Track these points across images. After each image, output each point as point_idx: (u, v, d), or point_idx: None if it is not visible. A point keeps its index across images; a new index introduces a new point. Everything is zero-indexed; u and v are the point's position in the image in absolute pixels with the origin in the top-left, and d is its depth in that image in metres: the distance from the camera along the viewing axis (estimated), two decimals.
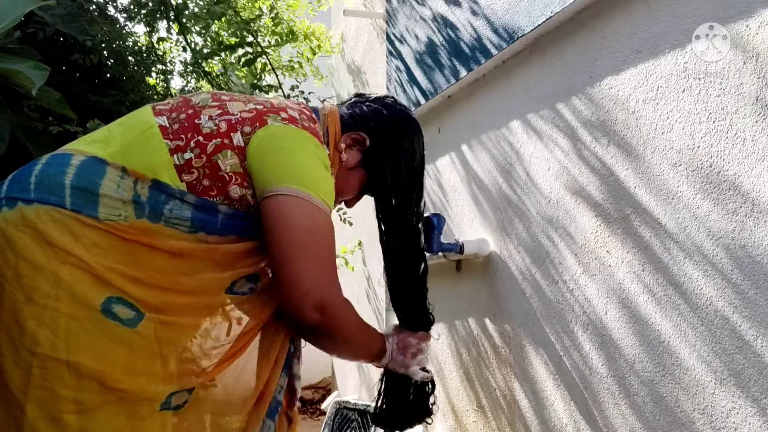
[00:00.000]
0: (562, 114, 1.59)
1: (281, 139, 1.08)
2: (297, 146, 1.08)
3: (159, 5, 2.52)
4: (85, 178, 1.01)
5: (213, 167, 1.05)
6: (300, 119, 1.12)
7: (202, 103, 1.12)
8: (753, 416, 1.08)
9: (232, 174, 1.05)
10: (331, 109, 1.24)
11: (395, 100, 1.32)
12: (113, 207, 1.00)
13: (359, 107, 1.26)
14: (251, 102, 1.14)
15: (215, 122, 1.07)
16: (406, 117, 1.29)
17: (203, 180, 1.04)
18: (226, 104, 1.12)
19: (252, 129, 1.07)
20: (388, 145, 1.24)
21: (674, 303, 1.24)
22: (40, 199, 0.98)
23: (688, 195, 1.22)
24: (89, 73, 2.44)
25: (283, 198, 1.03)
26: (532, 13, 1.64)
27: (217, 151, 1.05)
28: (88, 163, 1.03)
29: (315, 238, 1.04)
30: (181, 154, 1.04)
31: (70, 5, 2.27)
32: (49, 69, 1.61)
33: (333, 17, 3.87)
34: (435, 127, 2.32)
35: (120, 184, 1.01)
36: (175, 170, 1.03)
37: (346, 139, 1.22)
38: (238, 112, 1.10)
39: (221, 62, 3.00)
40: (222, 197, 1.05)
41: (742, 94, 1.11)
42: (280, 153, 1.06)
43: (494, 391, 1.85)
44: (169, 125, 1.07)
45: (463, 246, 1.89)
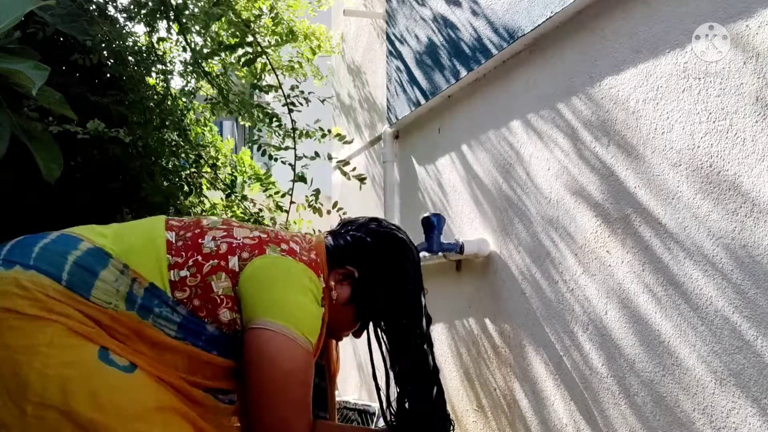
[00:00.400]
0: (562, 114, 1.59)
1: (275, 270, 1.09)
2: (289, 279, 1.09)
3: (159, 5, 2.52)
4: (88, 262, 1.04)
5: (206, 288, 1.07)
6: (300, 252, 1.14)
7: (210, 225, 1.15)
8: (753, 416, 1.08)
9: (224, 297, 1.07)
10: (317, 243, 1.23)
11: (380, 224, 1.28)
12: (106, 293, 1.03)
13: (343, 237, 1.24)
14: (257, 230, 1.16)
15: (216, 243, 1.10)
16: (391, 240, 1.25)
17: (194, 300, 1.06)
18: (233, 229, 1.15)
19: (250, 256, 1.09)
20: (378, 274, 1.22)
21: (674, 303, 1.24)
22: (38, 268, 1.01)
23: (688, 195, 1.22)
24: (89, 73, 2.44)
25: (265, 332, 1.04)
26: (532, 13, 1.64)
27: (212, 272, 1.07)
28: (94, 251, 1.06)
29: (291, 379, 1.05)
30: (177, 271, 1.07)
31: (70, 5, 2.27)
32: (49, 69, 1.61)
33: (333, 17, 3.87)
34: (435, 127, 2.32)
35: (119, 278, 1.04)
36: (169, 285, 1.06)
37: (334, 275, 1.20)
38: (241, 238, 1.12)
39: (221, 62, 3.00)
40: (211, 319, 1.07)
41: (742, 94, 1.11)
42: (271, 284, 1.08)
43: (494, 391, 1.85)
44: (175, 241, 1.10)
45: (463, 246, 1.89)
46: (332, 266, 1.20)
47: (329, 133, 2.69)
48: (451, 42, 2.12)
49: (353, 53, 3.52)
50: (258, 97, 3.62)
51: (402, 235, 1.28)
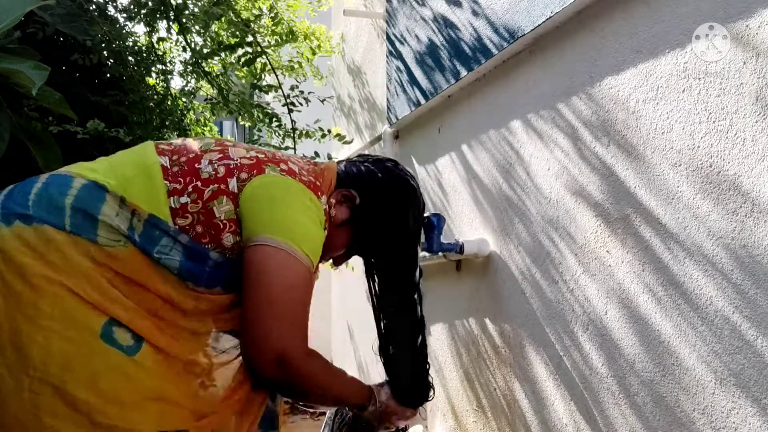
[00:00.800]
0: (563, 114, 1.59)
1: (275, 188, 1.07)
2: (289, 198, 1.08)
3: (159, 5, 2.52)
4: (86, 201, 1.01)
5: (208, 214, 1.05)
6: (299, 173, 1.12)
7: (204, 147, 1.12)
8: (753, 416, 1.08)
9: (226, 221, 1.05)
10: (329, 165, 1.24)
11: (395, 164, 1.28)
12: (111, 232, 1.00)
13: (357, 166, 1.25)
14: (254, 150, 1.14)
15: (214, 166, 1.08)
16: (402, 184, 1.25)
17: (197, 226, 1.04)
18: (228, 149, 1.12)
19: (249, 176, 1.07)
20: (378, 209, 1.21)
21: (674, 303, 1.24)
22: (39, 218, 0.98)
23: (688, 195, 1.22)
24: (89, 73, 2.44)
25: (265, 248, 1.02)
26: (532, 13, 1.64)
27: (213, 197, 1.05)
28: (89, 187, 1.03)
29: (289, 294, 1.03)
30: (177, 197, 1.04)
31: (70, 5, 2.27)
32: (49, 69, 1.61)
33: (333, 17, 3.87)
34: (435, 127, 2.32)
35: (119, 213, 1.01)
36: (170, 212, 1.03)
37: (336, 194, 1.20)
38: (238, 158, 1.10)
39: (221, 62, 3.00)
40: (214, 245, 1.05)
41: (742, 94, 1.11)
42: (271, 203, 1.06)
43: (494, 391, 1.85)
44: (170, 166, 1.07)
45: (463, 246, 1.89)
46: (338, 187, 1.20)
47: (329, 133, 2.69)
48: (451, 42, 2.12)
49: (353, 53, 3.52)
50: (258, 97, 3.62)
51: (414, 183, 1.27)
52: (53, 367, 0.93)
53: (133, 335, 0.99)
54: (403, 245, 1.24)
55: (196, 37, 2.88)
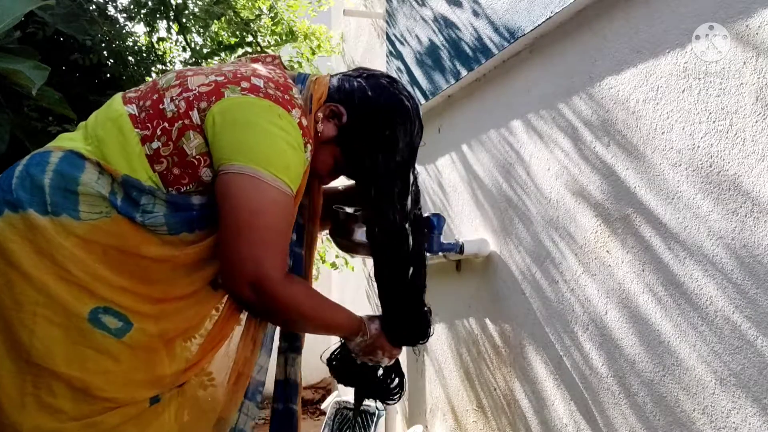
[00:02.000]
0: (563, 114, 1.59)
1: (236, 111, 1.01)
2: (252, 119, 1.01)
3: (159, 5, 2.52)
4: (65, 175, 0.99)
5: (180, 153, 1.01)
6: (264, 86, 1.05)
7: (165, 85, 1.07)
8: (753, 416, 1.08)
9: (199, 156, 1.01)
10: (319, 79, 1.16)
11: (392, 81, 1.19)
12: (93, 204, 0.99)
13: (350, 81, 1.17)
14: (213, 74, 1.07)
15: (176, 103, 1.03)
16: (394, 103, 1.15)
17: (173, 168, 1.01)
18: (187, 80, 1.06)
19: (208, 104, 1.02)
20: (366, 128, 1.14)
21: (675, 303, 1.24)
22: (22, 202, 0.97)
23: (688, 195, 1.22)
24: (89, 73, 2.44)
25: (231, 176, 0.99)
26: (532, 13, 1.64)
27: (180, 135, 1.01)
28: (67, 158, 1.01)
29: (258, 219, 0.99)
30: (149, 144, 1.01)
31: (70, 5, 2.27)
32: (49, 69, 1.61)
33: (333, 17, 3.87)
34: (435, 127, 2.32)
35: (99, 177, 1.00)
36: (147, 161, 1.01)
37: (324, 109, 1.13)
38: (197, 87, 1.04)
39: (221, 62, 3.00)
40: (195, 184, 1.02)
41: (742, 94, 1.11)
42: (233, 127, 1.01)
43: (494, 391, 1.85)
44: (138, 113, 1.04)
45: (463, 246, 1.89)
46: (327, 101, 1.14)
47: None
48: (451, 42, 2.12)
49: (353, 53, 3.52)
50: None
51: (410, 103, 1.18)
52: (44, 350, 0.94)
53: (120, 319, 0.98)
54: (396, 167, 1.16)
55: (196, 37, 2.88)
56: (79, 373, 0.95)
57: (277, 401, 1.24)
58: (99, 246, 0.98)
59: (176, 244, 1.03)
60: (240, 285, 1.01)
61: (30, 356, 0.94)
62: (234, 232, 1.00)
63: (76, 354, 0.95)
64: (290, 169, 1.03)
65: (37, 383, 0.94)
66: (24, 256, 0.96)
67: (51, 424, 0.94)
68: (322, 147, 1.15)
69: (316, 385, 5.10)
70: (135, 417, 0.99)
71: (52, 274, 0.96)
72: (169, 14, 2.58)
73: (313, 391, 5.06)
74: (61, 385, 0.95)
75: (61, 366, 0.94)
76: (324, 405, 3.54)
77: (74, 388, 0.95)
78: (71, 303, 0.96)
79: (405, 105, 1.17)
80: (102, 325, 0.97)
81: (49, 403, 0.94)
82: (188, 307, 1.05)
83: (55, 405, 0.94)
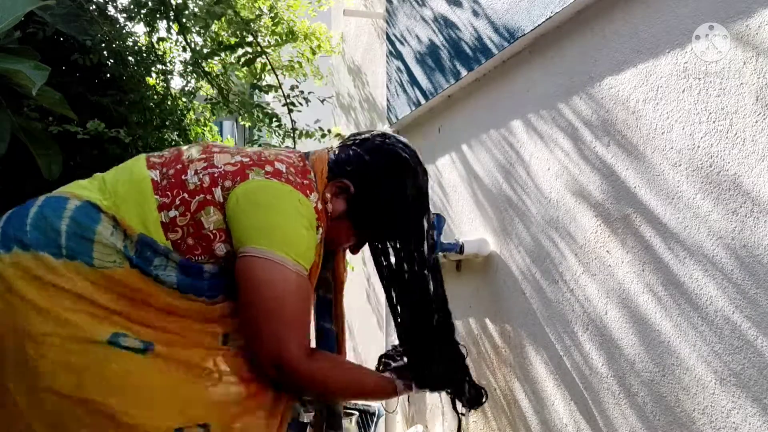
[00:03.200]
0: (563, 114, 1.59)
1: (259, 194, 1.05)
2: (275, 203, 1.05)
3: (159, 5, 2.52)
4: (81, 223, 1.01)
5: (197, 225, 1.04)
6: (286, 172, 1.09)
7: (191, 157, 1.11)
8: (753, 416, 1.08)
9: (216, 231, 1.04)
10: (319, 155, 1.20)
11: (384, 138, 1.22)
12: (107, 254, 1.01)
13: (346, 151, 1.20)
14: (239, 154, 1.11)
15: (199, 177, 1.06)
16: (393, 159, 1.19)
17: (187, 239, 1.03)
18: (213, 156, 1.10)
19: (233, 184, 1.05)
20: (374, 192, 1.17)
21: (675, 302, 1.24)
22: (36, 245, 0.99)
23: (688, 195, 1.22)
24: (89, 73, 2.44)
25: (252, 259, 1.02)
26: (532, 13, 1.64)
27: (200, 208, 1.04)
28: (84, 208, 1.03)
29: (279, 302, 1.03)
30: (166, 211, 1.04)
31: (70, 5, 2.27)
32: (49, 69, 1.61)
33: (333, 17, 3.87)
34: (435, 127, 2.32)
35: (113, 232, 1.02)
36: (161, 228, 1.03)
37: (330, 188, 1.16)
38: (222, 165, 1.08)
39: (221, 62, 3.00)
40: (207, 256, 1.04)
41: (742, 94, 1.11)
42: (257, 210, 1.04)
43: (494, 391, 1.85)
44: (160, 180, 1.07)
45: (463, 246, 1.89)
46: (331, 179, 1.16)
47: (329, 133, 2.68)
48: (452, 42, 2.12)
49: (353, 53, 3.52)
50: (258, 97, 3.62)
51: (406, 153, 1.20)
52: (66, 379, 0.95)
53: (141, 341, 0.99)
54: (407, 218, 1.19)
55: (196, 37, 2.88)
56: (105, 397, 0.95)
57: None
58: (112, 292, 1.01)
59: (183, 299, 1.05)
60: (266, 365, 1.04)
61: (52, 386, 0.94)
62: (256, 315, 1.03)
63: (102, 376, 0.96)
64: (307, 252, 1.07)
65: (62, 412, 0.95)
66: (33, 291, 0.97)
67: None
68: (337, 224, 1.18)
69: None
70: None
71: (66, 308, 0.97)
72: (169, 14, 2.58)
73: None
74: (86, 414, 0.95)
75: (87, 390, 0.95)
76: None
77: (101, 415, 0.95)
78: (88, 330, 0.97)
79: (403, 157, 1.20)
80: (124, 345, 0.98)
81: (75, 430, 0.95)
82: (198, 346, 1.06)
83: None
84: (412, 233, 1.19)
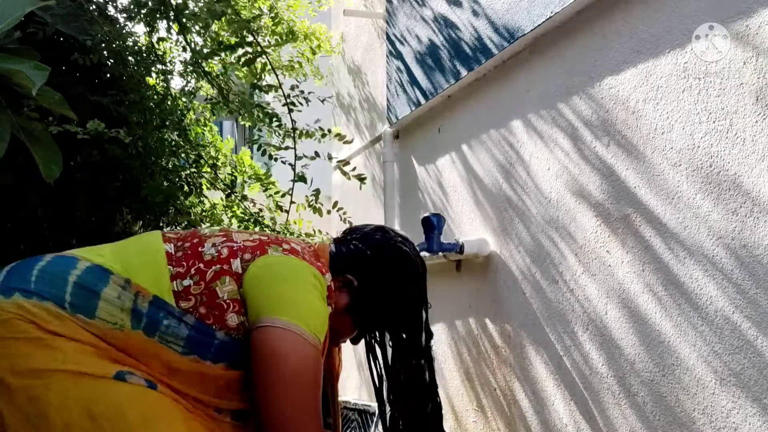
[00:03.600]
0: (563, 114, 1.59)
1: (279, 267, 1.08)
2: (294, 276, 1.08)
3: (159, 5, 2.52)
4: (89, 280, 1.01)
5: (211, 294, 1.05)
6: (302, 252, 1.13)
7: (209, 233, 1.14)
8: (753, 416, 1.08)
9: (230, 301, 1.05)
10: (321, 247, 1.23)
11: (384, 233, 1.25)
12: (111, 313, 1.00)
13: (347, 245, 1.23)
14: (257, 234, 1.16)
15: (217, 249, 1.09)
16: (394, 253, 1.23)
17: (200, 307, 1.04)
18: (232, 234, 1.14)
19: (252, 257, 1.08)
20: (375, 287, 1.20)
21: (675, 302, 1.24)
22: (40, 293, 0.99)
23: (688, 195, 1.22)
24: (89, 73, 2.43)
25: (273, 330, 1.02)
26: (532, 13, 1.64)
27: (216, 278, 1.05)
28: (93, 269, 1.03)
29: (300, 378, 1.03)
30: (180, 281, 1.05)
31: (70, 5, 2.27)
32: (49, 69, 1.61)
33: (333, 17, 3.87)
34: (435, 127, 2.32)
35: (121, 294, 1.02)
36: (173, 296, 1.04)
37: (334, 282, 1.17)
38: (242, 241, 1.11)
39: (221, 62, 3.00)
40: (219, 325, 1.05)
41: (742, 94, 1.11)
42: (276, 282, 1.06)
43: (494, 391, 1.85)
44: (174, 252, 1.09)
45: (463, 246, 1.89)
46: (333, 273, 1.18)
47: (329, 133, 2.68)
48: (452, 42, 2.12)
49: (353, 53, 3.52)
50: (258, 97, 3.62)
51: (407, 248, 1.24)
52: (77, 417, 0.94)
53: (146, 380, 1.00)
54: (409, 314, 1.23)
55: (196, 37, 2.87)
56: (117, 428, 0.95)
57: None
58: (115, 344, 1.01)
59: (185, 362, 1.05)
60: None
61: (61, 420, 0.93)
62: (277, 394, 1.02)
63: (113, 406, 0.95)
64: (323, 327, 1.09)
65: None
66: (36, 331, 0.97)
67: None
68: (341, 315, 1.20)
69: None
70: None
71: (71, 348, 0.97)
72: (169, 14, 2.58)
73: None
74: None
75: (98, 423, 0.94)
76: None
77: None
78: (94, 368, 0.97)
79: (404, 251, 1.24)
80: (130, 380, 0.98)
81: None
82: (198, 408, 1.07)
83: None
84: (413, 325, 1.22)
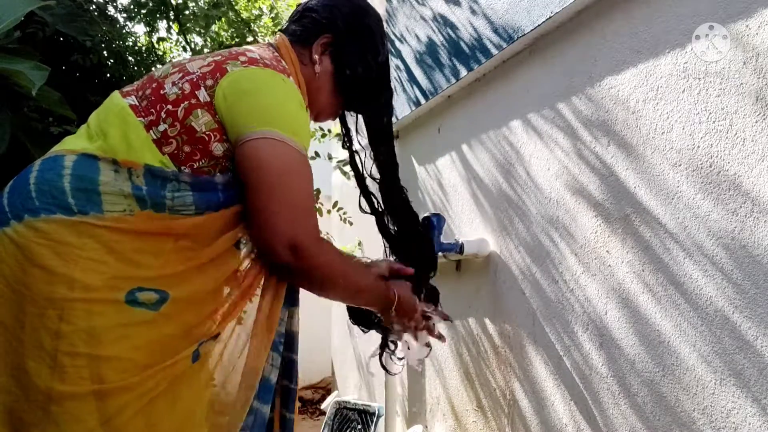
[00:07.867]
0: (563, 114, 1.59)
1: (244, 82, 1.06)
2: (262, 86, 1.07)
3: (159, 5, 2.52)
4: (83, 177, 1.01)
5: (189, 131, 1.04)
6: (261, 58, 1.11)
7: (164, 74, 1.11)
8: (753, 416, 1.08)
9: (209, 132, 1.04)
10: (278, 40, 1.23)
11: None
12: (115, 203, 1.01)
13: (302, 22, 1.24)
14: (211, 56, 1.13)
15: (179, 86, 1.07)
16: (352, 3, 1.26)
17: (183, 147, 1.04)
18: (186, 66, 1.11)
19: (214, 81, 1.06)
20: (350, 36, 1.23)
21: (674, 302, 1.24)
22: (46, 209, 0.99)
23: (688, 195, 1.22)
24: (89, 73, 2.44)
25: (253, 143, 1.02)
26: (532, 13, 1.64)
27: (187, 114, 1.04)
28: (81, 161, 1.03)
29: (287, 180, 1.04)
30: (155, 128, 1.04)
31: (70, 5, 2.27)
32: (49, 69, 1.61)
33: None
34: (435, 127, 2.32)
35: (116, 177, 1.02)
36: (154, 145, 1.03)
37: (317, 49, 1.20)
38: (198, 69, 1.09)
39: None
40: (207, 159, 1.05)
41: (742, 94, 1.11)
42: (245, 97, 1.05)
43: (494, 391, 1.85)
44: (138, 103, 1.08)
45: (463, 246, 1.89)
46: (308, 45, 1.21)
47: (329, 133, 2.68)
48: (451, 42, 2.12)
49: None
50: None
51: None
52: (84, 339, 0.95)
53: (157, 292, 1.00)
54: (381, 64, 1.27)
55: (196, 37, 2.88)
56: (120, 352, 0.96)
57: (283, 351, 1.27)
58: (125, 236, 1.01)
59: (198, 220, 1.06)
60: (278, 248, 1.04)
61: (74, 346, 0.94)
62: (267, 196, 1.03)
63: (117, 333, 0.97)
64: (303, 129, 1.09)
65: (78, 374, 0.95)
66: (49, 255, 0.97)
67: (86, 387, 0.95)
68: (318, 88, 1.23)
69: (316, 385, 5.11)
70: (179, 376, 1.01)
71: (82, 269, 0.97)
72: (169, 14, 2.58)
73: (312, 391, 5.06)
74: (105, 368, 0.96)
75: (103, 347, 0.95)
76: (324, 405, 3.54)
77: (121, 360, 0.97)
78: (106, 291, 0.97)
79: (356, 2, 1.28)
80: (139, 303, 0.99)
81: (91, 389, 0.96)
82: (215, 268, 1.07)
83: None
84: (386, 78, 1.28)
